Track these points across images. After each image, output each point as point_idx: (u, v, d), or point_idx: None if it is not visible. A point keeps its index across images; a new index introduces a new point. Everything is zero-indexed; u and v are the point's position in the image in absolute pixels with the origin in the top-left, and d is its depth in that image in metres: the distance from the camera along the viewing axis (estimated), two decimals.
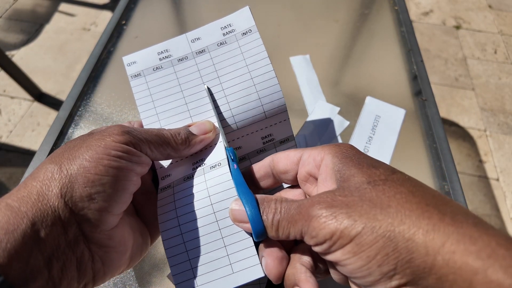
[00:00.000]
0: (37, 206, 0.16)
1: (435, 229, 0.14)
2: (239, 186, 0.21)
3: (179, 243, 0.21)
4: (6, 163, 1.09)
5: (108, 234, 0.19)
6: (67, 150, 0.19)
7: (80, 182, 0.17)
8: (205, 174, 0.22)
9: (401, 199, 0.15)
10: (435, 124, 0.42)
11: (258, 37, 0.25)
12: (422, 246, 0.14)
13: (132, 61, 0.27)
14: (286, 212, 0.18)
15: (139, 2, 0.57)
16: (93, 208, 0.18)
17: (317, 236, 0.16)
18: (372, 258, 0.15)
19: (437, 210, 0.15)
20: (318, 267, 0.20)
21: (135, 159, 0.20)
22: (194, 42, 0.26)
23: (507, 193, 1.08)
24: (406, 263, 0.14)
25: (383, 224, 0.15)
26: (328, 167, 0.19)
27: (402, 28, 0.53)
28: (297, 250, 0.20)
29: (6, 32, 1.44)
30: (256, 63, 0.25)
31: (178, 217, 0.21)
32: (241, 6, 0.26)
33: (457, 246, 0.13)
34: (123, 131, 0.20)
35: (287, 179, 0.23)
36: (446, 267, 0.13)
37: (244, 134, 0.26)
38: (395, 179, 0.17)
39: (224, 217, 0.21)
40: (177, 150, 0.22)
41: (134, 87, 0.26)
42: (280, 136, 0.27)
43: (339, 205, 0.16)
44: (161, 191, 0.23)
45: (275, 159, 0.22)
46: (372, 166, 0.18)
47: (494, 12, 1.63)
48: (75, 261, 0.17)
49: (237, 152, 0.27)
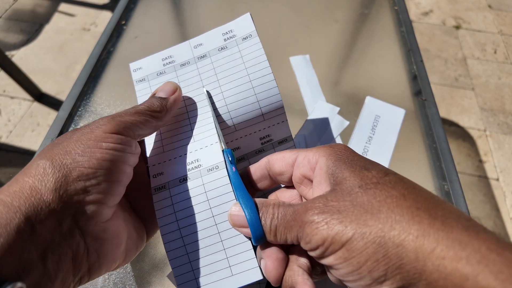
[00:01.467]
0: (30, 200, 0.16)
1: (425, 234, 0.14)
2: (238, 190, 0.21)
3: (180, 246, 0.21)
4: (6, 163, 1.08)
5: (103, 226, 0.19)
6: (56, 146, 0.19)
7: (74, 176, 0.17)
8: (202, 177, 0.23)
9: (391, 203, 0.15)
10: (435, 124, 0.42)
11: (258, 41, 0.26)
12: (412, 252, 0.14)
13: (138, 67, 0.27)
14: (283, 218, 0.18)
15: (139, 2, 0.57)
16: (88, 200, 0.18)
17: (310, 242, 0.17)
18: (363, 264, 0.15)
19: (428, 214, 0.15)
20: (315, 268, 0.20)
21: (128, 149, 0.20)
22: (196, 48, 0.27)
23: (507, 193, 1.08)
24: (396, 269, 0.14)
25: (373, 230, 0.15)
26: (322, 170, 0.19)
27: (402, 28, 0.53)
28: (295, 251, 0.20)
29: (6, 32, 1.44)
30: (255, 66, 0.26)
31: (177, 221, 0.22)
32: (241, 5, 0.26)
33: (447, 251, 0.13)
34: (111, 118, 0.20)
35: (283, 181, 0.23)
36: (436, 272, 0.13)
37: (243, 135, 0.26)
38: (387, 182, 0.17)
39: (223, 220, 0.21)
40: (159, 118, 0.23)
41: (138, 91, 0.27)
42: (278, 136, 0.27)
43: (331, 211, 0.16)
44: (156, 191, 0.23)
45: (271, 161, 0.23)
46: (365, 168, 0.18)
47: (494, 12, 1.63)
48: (70, 254, 0.17)
49: (235, 153, 0.27)
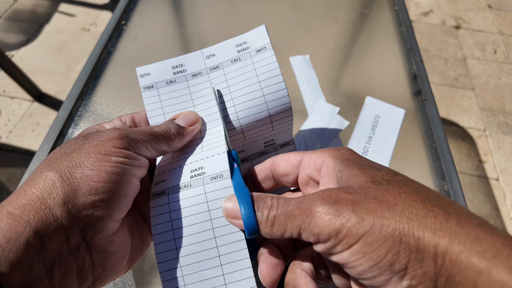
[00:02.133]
0: (40, 214, 0.16)
1: (442, 228, 0.14)
2: (236, 183, 0.20)
3: (173, 258, 0.20)
4: (6, 163, 1.08)
5: (109, 239, 0.19)
6: (64, 156, 0.18)
7: (83, 191, 0.17)
8: (205, 185, 0.21)
9: (406, 198, 0.15)
10: (434, 124, 0.42)
11: (272, 54, 0.25)
12: (431, 246, 0.14)
13: (145, 73, 0.26)
14: (284, 207, 0.17)
15: (138, 2, 0.57)
16: (97, 215, 0.17)
17: (320, 233, 0.16)
18: (383, 257, 0.14)
19: (442, 210, 0.15)
20: (319, 273, 0.19)
21: (135, 163, 0.20)
22: (209, 58, 0.26)
23: (506, 193, 1.08)
24: (418, 262, 0.14)
25: (391, 222, 0.14)
26: (330, 169, 0.19)
27: (402, 28, 0.53)
28: (298, 256, 0.20)
29: (5, 33, 1.44)
30: (268, 80, 0.25)
31: (173, 230, 0.20)
32: (241, 5, 0.26)
33: (463, 246, 0.13)
34: (121, 134, 0.20)
35: (287, 182, 0.22)
36: (454, 267, 0.13)
37: (249, 142, 0.27)
38: (398, 180, 0.17)
39: (223, 234, 0.20)
40: (171, 145, 0.23)
41: (146, 99, 0.26)
42: (281, 140, 0.28)
43: (345, 202, 0.15)
44: (154, 197, 0.21)
45: (275, 162, 0.22)
46: (374, 168, 0.18)
47: (494, 12, 1.63)
48: (76, 268, 0.17)
49: (240, 155, 0.27)
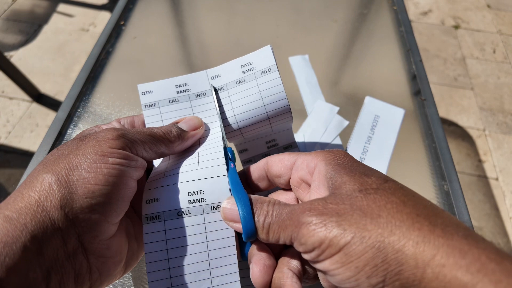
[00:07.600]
0: (37, 218, 0.16)
1: (425, 240, 0.14)
2: (234, 185, 0.20)
3: (167, 287, 0.20)
4: (5, 164, 1.08)
5: (106, 244, 0.19)
6: (61, 158, 0.18)
7: (80, 193, 0.17)
8: (204, 215, 0.20)
9: (391, 209, 0.15)
10: (434, 124, 0.42)
11: (278, 76, 0.25)
12: (411, 258, 0.13)
13: (147, 90, 0.26)
14: (278, 216, 0.18)
15: (137, 2, 0.56)
16: (94, 218, 0.17)
17: (306, 244, 0.16)
18: (361, 269, 0.14)
19: (428, 221, 0.14)
20: (306, 272, 0.19)
21: (133, 163, 0.19)
22: (214, 79, 0.26)
23: (506, 192, 1.08)
24: (395, 275, 0.14)
25: (372, 234, 0.14)
26: (321, 174, 0.19)
27: (401, 28, 0.53)
28: (287, 254, 0.20)
29: (4, 33, 1.44)
30: (274, 103, 0.25)
31: (169, 259, 0.20)
32: (240, 6, 0.26)
33: (447, 259, 0.13)
34: (118, 134, 0.19)
35: (280, 183, 0.23)
36: (435, 280, 0.13)
37: (250, 140, 0.27)
38: (387, 188, 0.17)
39: (217, 265, 0.20)
40: (170, 148, 0.22)
41: (147, 117, 0.25)
42: (283, 141, 0.28)
43: (330, 213, 0.16)
44: (148, 221, 0.20)
45: (270, 162, 0.22)
46: (364, 174, 0.18)
47: (493, 12, 1.63)
48: (73, 273, 0.17)
49: (243, 155, 0.27)
